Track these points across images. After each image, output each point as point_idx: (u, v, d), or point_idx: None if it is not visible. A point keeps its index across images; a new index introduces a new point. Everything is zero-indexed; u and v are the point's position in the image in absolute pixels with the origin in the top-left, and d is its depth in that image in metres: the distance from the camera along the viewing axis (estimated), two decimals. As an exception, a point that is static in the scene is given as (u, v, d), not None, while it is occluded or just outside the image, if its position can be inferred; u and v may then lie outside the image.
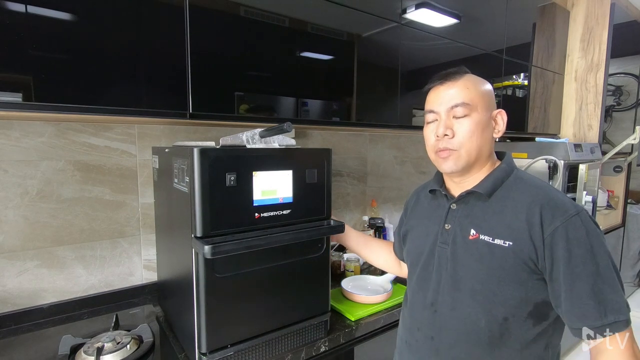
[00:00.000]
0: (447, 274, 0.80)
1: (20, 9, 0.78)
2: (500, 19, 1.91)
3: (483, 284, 0.75)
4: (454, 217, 0.82)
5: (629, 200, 3.19)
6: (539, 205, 0.72)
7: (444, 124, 0.78)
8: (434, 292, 0.82)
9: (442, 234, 0.83)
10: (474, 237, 0.77)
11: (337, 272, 1.52)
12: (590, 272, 0.67)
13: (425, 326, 0.83)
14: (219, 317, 0.89)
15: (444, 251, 0.82)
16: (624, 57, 3.03)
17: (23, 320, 1.12)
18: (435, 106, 0.80)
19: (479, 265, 0.75)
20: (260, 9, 1.11)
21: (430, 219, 0.88)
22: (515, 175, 0.81)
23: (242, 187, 0.89)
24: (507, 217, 0.75)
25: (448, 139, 0.78)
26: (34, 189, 1.11)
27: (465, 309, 0.77)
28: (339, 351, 1.13)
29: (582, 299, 0.67)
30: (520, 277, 0.72)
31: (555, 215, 0.70)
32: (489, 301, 0.74)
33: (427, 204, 0.93)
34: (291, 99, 1.23)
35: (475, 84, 0.79)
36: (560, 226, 0.69)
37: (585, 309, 0.67)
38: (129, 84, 0.92)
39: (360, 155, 1.93)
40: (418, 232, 0.92)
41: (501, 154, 0.86)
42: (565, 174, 1.99)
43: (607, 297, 0.66)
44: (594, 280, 0.67)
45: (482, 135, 0.78)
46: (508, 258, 0.72)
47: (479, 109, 0.77)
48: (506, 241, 0.73)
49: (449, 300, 0.79)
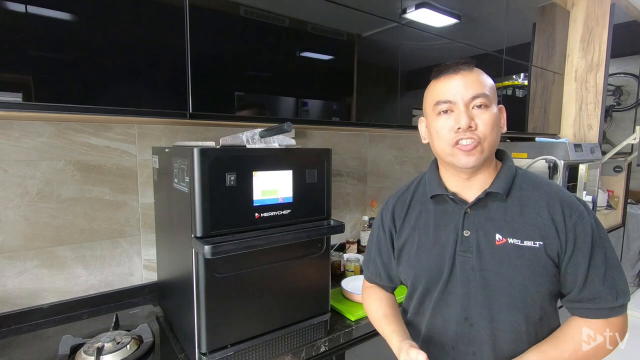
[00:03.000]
0: (476, 284, 0.75)
1: (20, 9, 0.78)
2: (500, 19, 1.91)
3: (520, 290, 0.73)
4: (472, 222, 0.77)
5: (629, 200, 3.19)
6: (558, 201, 0.73)
7: (466, 114, 0.72)
8: (463, 306, 0.77)
9: (462, 242, 0.77)
10: (501, 242, 0.74)
11: (337, 272, 1.52)
12: (602, 261, 0.71)
13: (462, 343, 0.78)
14: (219, 317, 0.89)
15: (467, 260, 0.76)
16: (624, 57, 3.03)
17: (23, 320, 1.12)
18: (451, 95, 0.73)
19: (513, 272, 0.72)
20: (260, 9, 1.11)
21: (440, 227, 0.80)
22: (519, 173, 0.80)
23: (242, 187, 0.89)
24: (529, 217, 0.73)
25: (472, 131, 0.72)
26: (34, 189, 1.11)
27: (505, 318, 0.74)
28: (339, 351, 1.13)
29: (596, 285, 0.71)
30: (551, 273, 0.73)
31: (573, 210, 0.73)
32: (528, 305, 0.73)
33: (429, 210, 0.84)
34: (291, 99, 1.23)
35: (487, 77, 0.77)
36: (578, 219, 0.72)
37: (599, 293, 0.71)
38: (128, 84, 0.92)
39: (360, 155, 1.93)
40: (424, 244, 0.82)
41: (499, 153, 0.83)
42: (565, 174, 1.98)
43: (617, 282, 0.71)
44: (605, 267, 0.71)
45: (498, 129, 0.75)
46: (540, 258, 0.72)
47: (494, 101, 0.75)
48: (536, 242, 0.72)
49: (486, 313, 0.75)
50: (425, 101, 0.82)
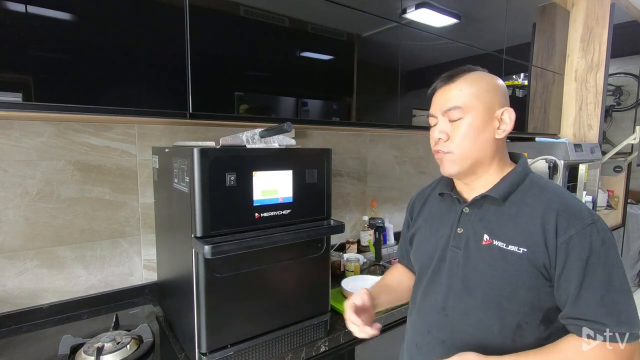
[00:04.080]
0: (457, 278, 0.79)
1: (20, 9, 0.78)
2: (500, 19, 1.91)
3: (495, 290, 0.74)
4: (467, 221, 0.80)
5: (629, 200, 3.19)
6: (554, 212, 0.71)
7: (439, 128, 0.79)
8: (444, 296, 0.81)
9: (454, 237, 0.81)
10: (487, 243, 0.76)
11: (337, 272, 1.52)
12: (602, 282, 0.66)
13: (435, 329, 0.82)
14: (219, 317, 0.89)
15: (455, 255, 0.80)
16: (624, 57, 3.03)
17: (23, 320, 1.12)
18: (433, 109, 0.81)
19: (492, 271, 0.74)
20: (260, 9, 1.11)
21: (441, 222, 0.86)
22: (530, 179, 0.79)
23: (242, 187, 0.89)
24: (521, 223, 0.73)
25: (442, 142, 0.78)
26: (34, 189, 1.11)
27: (477, 315, 0.76)
28: (339, 351, 1.13)
29: (591, 306, 0.66)
30: (533, 283, 0.71)
31: (571, 222, 0.69)
32: (502, 308, 0.74)
33: (437, 206, 0.91)
34: (291, 99, 1.23)
35: (472, 84, 0.76)
36: (576, 235, 0.68)
37: (595, 316, 0.66)
38: (129, 84, 0.92)
39: (360, 155, 1.93)
40: (427, 234, 0.89)
41: (516, 156, 0.84)
42: (565, 174, 1.99)
43: (620, 308, 0.66)
44: (606, 290, 0.66)
45: (478, 137, 0.76)
46: (522, 265, 0.71)
47: (474, 110, 0.75)
48: (520, 247, 0.72)
49: (461, 306, 0.78)
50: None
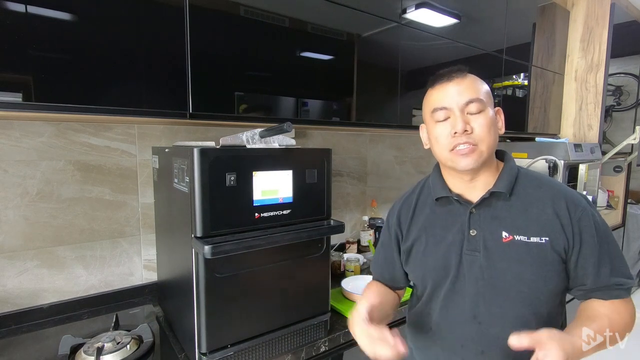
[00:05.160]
0: (484, 282, 0.76)
1: (20, 9, 0.78)
2: (500, 19, 1.91)
3: (530, 286, 0.74)
4: (478, 221, 0.79)
5: (629, 200, 3.19)
6: (563, 198, 0.76)
7: (462, 119, 0.75)
8: (472, 304, 0.77)
9: (469, 241, 0.78)
10: (508, 240, 0.76)
11: (337, 272, 1.52)
12: (609, 252, 0.75)
13: (470, 341, 0.78)
14: (219, 317, 0.89)
15: (475, 259, 0.77)
16: (624, 57, 3.03)
17: (23, 320, 1.12)
18: (446, 102, 0.77)
19: (521, 267, 0.74)
20: (260, 9, 1.11)
21: (445, 228, 0.82)
22: (521, 172, 0.82)
23: (242, 187, 0.89)
24: (533, 214, 0.76)
25: (468, 135, 0.75)
26: (34, 189, 1.11)
27: (514, 314, 0.75)
28: (339, 351, 1.13)
29: (611, 275, 0.74)
30: (557, 269, 0.74)
31: (577, 206, 0.75)
32: (537, 301, 0.75)
33: (434, 212, 0.86)
34: (291, 99, 1.23)
35: (480, 82, 0.79)
36: (583, 215, 0.74)
37: (609, 283, 0.74)
38: (128, 84, 0.92)
39: (360, 155, 1.93)
40: (431, 244, 0.84)
41: (500, 153, 0.85)
42: (565, 174, 1.98)
43: (625, 270, 0.76)
44: (612, 259, 0.75)
45: (495, 131, 0.78)
46: (547, 253, 0.73)
47: (489, 104, 0.78)
48: (542, 237, 0.74)
49: (494, 309, 0.76)
50: (423, 109, 0.85)
